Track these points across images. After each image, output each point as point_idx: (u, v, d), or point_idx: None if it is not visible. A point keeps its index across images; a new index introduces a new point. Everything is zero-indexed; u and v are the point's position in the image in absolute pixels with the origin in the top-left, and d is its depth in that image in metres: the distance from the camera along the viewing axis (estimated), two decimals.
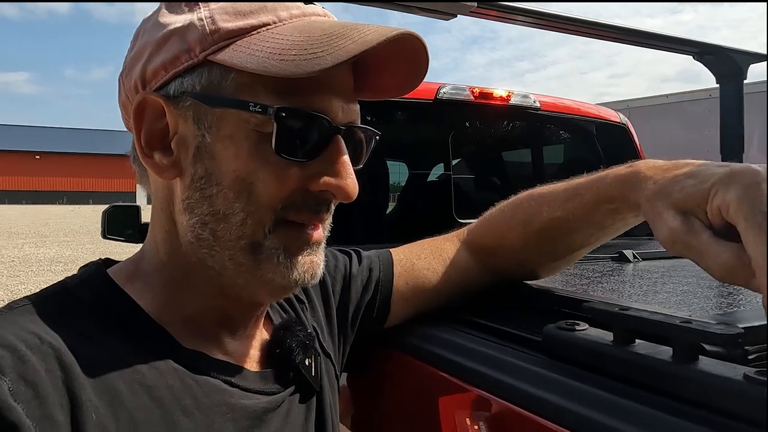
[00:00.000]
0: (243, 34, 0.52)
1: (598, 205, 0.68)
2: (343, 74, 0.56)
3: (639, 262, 1.17)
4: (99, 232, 2.51)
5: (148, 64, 0.55)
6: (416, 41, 0.53)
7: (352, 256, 0.83)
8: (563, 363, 0.61)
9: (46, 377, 0.45)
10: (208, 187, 0.53)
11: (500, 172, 2.42)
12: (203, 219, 0.54)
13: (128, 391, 0.49)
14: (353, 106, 0.57)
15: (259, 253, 0.54)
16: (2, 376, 0.43)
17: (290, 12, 0.55)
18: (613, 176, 0.65)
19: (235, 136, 0.52)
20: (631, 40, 1.99)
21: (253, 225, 0.53)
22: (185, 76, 0.53)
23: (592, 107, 2.34)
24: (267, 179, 0.52)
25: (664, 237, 0.52)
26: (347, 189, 0.54)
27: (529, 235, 0.78)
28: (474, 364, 0.68)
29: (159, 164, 0.55)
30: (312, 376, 0.64)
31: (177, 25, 0.53)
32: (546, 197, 0.76)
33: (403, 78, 0.59)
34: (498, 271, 0.85)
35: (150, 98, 0.55)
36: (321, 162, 0.54)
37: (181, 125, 0.54)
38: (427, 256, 0.83)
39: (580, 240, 0.75)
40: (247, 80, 0.52)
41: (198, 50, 0.52)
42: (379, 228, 1.94)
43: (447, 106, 1.91)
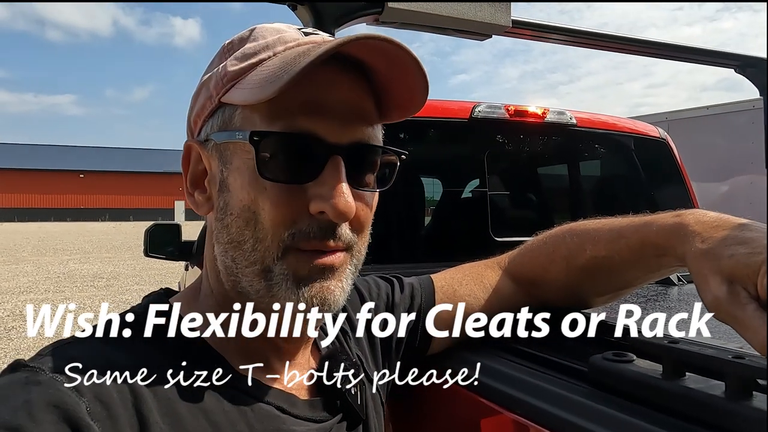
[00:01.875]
0: (244, 72, 0.57)
1: (644, 250, 0.67)
2: (344, 94, 0.56)
3: (684, 285, 1.14)
4: (139, 248, 2.59)
5: (191, 115, 0.62)
6: (386, 43, 0.52)
7: (394, 284, 0.84)
8: (609, 394, 0.60)
9: (118, 399, 0.48)
10: (225, 217, 0.57)
11: (537, 190, 2.39)
12: (225, 247, 0.58)
13: (189, 415, 0.52)
14: (359, 125, 0.57)
15: (269, 278, 0.56)
16: (81, 397, 0.46)
17: (286, 45, 0.58)
18: (660, 225, 0.65)
19: (241, 167, 0.56)
20: (668, 54, 1.97)
21: (262, 251, 0.55)
22: (210, 120, 0.59)
23: (630, 122, 2.30)
24: (266, 206, 0.54)
25: (709, 302, 0.53)
26: (337, 207, 0.53)
27: (573, 270, 0.78)
28: (517, 392, 0.68)
29: (197, 201, 0.61)
30: (358, 405, 0.65)
31: (206, 78, 0.60)
32: (590, 234, 0.76)
33: (411, 86, 0.58)
34: (541, 301, 0.84)
35: (191, 145, 0.61)
36: (317, 183, 0.54)
37: (212, 164, 0.59)
38: (469, 283, 0.83)
39: (624, 280, 0.75)
40: (247, 113, 0.56)
41: (215, 94, 0.58)
42: (414, 245, 1.95)
43: (482, 124, 1.91)
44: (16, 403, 0.44)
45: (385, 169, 0.61)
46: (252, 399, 0.57)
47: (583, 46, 1.92)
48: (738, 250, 0.52)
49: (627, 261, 0.70)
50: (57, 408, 0.44)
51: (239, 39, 0.61)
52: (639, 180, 2.18)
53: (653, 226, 0.66)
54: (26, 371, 0.48)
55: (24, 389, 0.46)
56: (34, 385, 0.46)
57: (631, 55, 1.99)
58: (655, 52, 1.95)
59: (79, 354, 0.50)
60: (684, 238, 0.60)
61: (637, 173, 2.21)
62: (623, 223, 0.72)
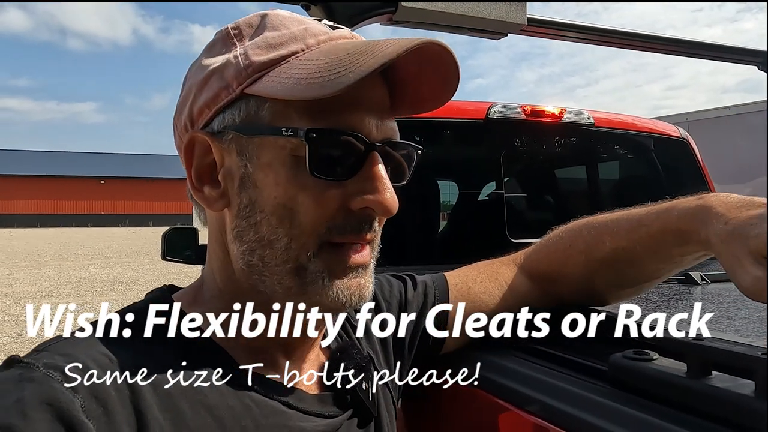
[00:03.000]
0: (274, 64, 0.54)
1: (665, 237, 0.65)
2: (376, 91, 0.56)
3: (707, 285, 1.10)
4: (158, 253, 2.62)
5: (194, 105, 0.58)
6: (440, 48, 0.52)
7: (407, 282, 0.83)
8: (630, 394, 0.58)
9: (115, 396, 0.47)
10: (253, 215, 0.55)
11: (554, 191, 2.36)
12: (251, 246, 0.55)
13: (191, 411, 0.51)
14: (389, 122, 0.57)
15: (304, 276, 0.55)
16: (75, 394, 0.45)
17: (317, 38, 0.56)
18: (682, 209, 0.63)
19: (273, 163, 0.54)
20: (689, 52, 1.93)
21: (297, 249, 0.54)
22: (226, 111, 0.56)
23: (650, 122, 2.27)
24: (307, 203, 0.53)
25: (748, 285, 0.50)
26: (386, 203, 0.54)
27: (592, 264, 0.75)
28: (534, 392, 0.66)
29: (208, 197, 0.58)
30: (369, 401, 0.63)
31: (216, 65, 0.57)
32: (608, 226, 0.74)
33: (437, 88, 0.58)
34: (558, 298, 0.82)
35: (197, 136, 0.58)
36: (359, 180, 0.54)
37: (227, 158, 0.57)
38: (483, 280, 0.82)
39: (646, 273, 0.72)
40: (280, 107, 0.53)
41: (235, 85, 0.55)
42: (430, 248, 1.93)
43: (498, 125, 1.89)
44: (9, 400, 0.43)
45: (407, 163, 0.61)
46: (257, 394, 0.56)
47: (601, 44, 1.89)
48: (764, 228, 0.49)
49: (648, 250, 0.68)
50: (50, 406, 0.43)
51: (248, 25, 0.58)
52: (659, 181, 2.14)
53: (674, 211, 0.64)
54: (20, 368, 0.47)
55: (17, 386, 0.44)
56: (28, 382, 0.45)
57: (651, 55, 1.96)
58: (675, 49, 1.90)
59: (75, 351, 0.49)
60: (707, 220, 0.57)
61: (657, 174, 2.17)
62: (642, 211, 0.70)
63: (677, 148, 2.20)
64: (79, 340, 0.52)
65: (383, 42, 0.51)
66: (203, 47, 0.61)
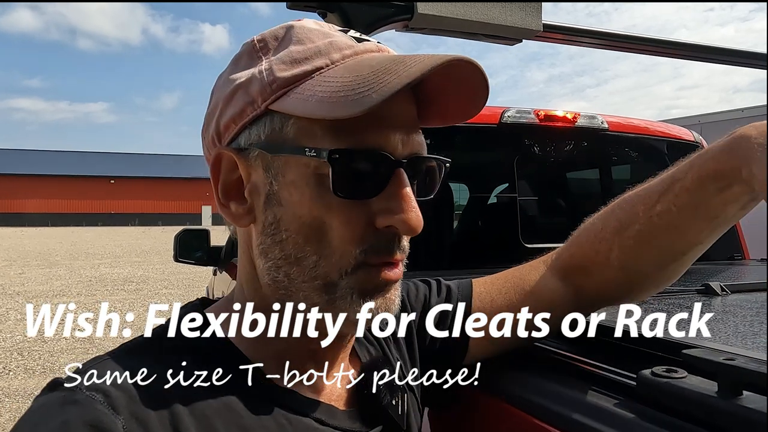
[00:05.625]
0: (299, 80, 0.54)
1: (703, 186, 0.59)
2: (402, 106, 0.55)
3: (728, 296, 1.09)
4: (168, 253, 2.64)
5: (221, 120, 0.58)
6: (468, 64, 0.52)
7: (432, 286, 0.81)
8: (659, 412, 0.58)
9: (155, 416, 0.48)
10: (278, 233, 0.55)
11: (567, 195, 2.35)
12: (277, 263, 0.55)
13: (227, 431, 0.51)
14: (416, 137, 0.56)
15: (333, 292, 0.54)
16: (117, 414, 0.46)
17: (342, 53, 0.55)
18: (716, 148, 0.57)
19: (298, 182, 0.53)
20: (700, 56, 1.92)
21: (326, 267, 0.54)
22: (251, 127, 0.56)
23: (663, 126, 2.26)
24: (333, 223, 0.53)
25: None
26: (410, 223, 0.53)
27: (626, 242, 0.69)
28: (561, 407, 0.66)
29: (235, 213, 0.58)
30: (398, 415, 0.63)
31: (242, 80, 0.56)
32: (640, 195, 0.68)
33: (466, 102, 0.58)
34: (593, 298, 0.76)
35: (223, 153, 0.57)
36: (384, 198, 0.53)
37: (253, 175, 0.56)
38: (509, 291, 0.78)
39: (688, 237, 0.65)
40: (305, 125, 0.53)
41: (260, 101, 0.54)
42: (442, 252, 1.93)
43: (512, 129, 1.89)
44: (55, 424, 0.45)
45: (432, 177, 0.60)
46: (290, 411, 0.56)
47: (615, 49, 1.89)
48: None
49: (686, 209, 0.62)
50: (94, 428, 0.45)
51: (274, 38, 0.58)
52: None
53: (708, 153, 0.58)
54: (63, 390, 0.48)
55: (61, 410, 0.46)
56: (71, 405, 0.46)
57: (662, 57, 1.95)
58: (687, 54, 1.90)
59: (115, 371, 0.50)
60: (748, 152, 0.52)
61: None
62: (674, 168, 0.64)
63: (691, 152, 2.19)
64: (118, 359, 0.53)
65: (409, 59, 0.51)
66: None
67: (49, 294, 8.85)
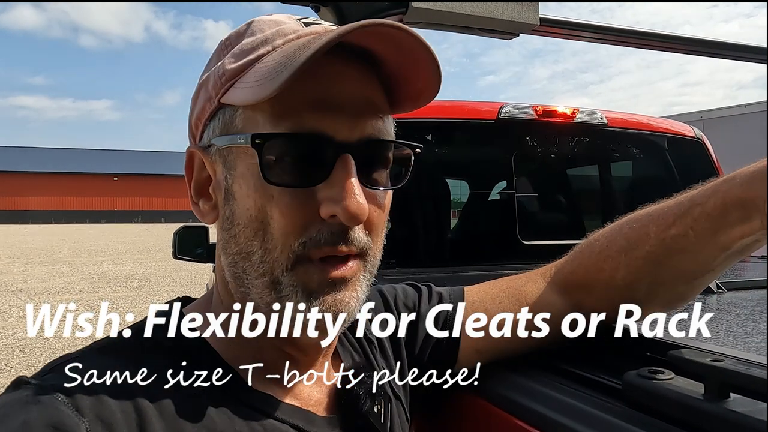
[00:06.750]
0: (243, 70, 0.53)
1: (726, 213, 0.56)
2: (351, 87, 0.51)
3: (723, 294, 1.07)
4: (170, 251, 2.65)
5: (191, 119, 0.58)
6: (393, 29, 0.47)
7: (422, 292, 0.79)
8: (644, 414, 0.56)
9: (122, 418, 0.47)
10: (232, 227, 0.54)
11: (566, 192, 2.33)
12: (234, 258, 0.54)
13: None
14: (370, 120, 0.52)
15: (279, 291, 0.52)
16: (81, 416, 0.45)
17: (286, 38, 0.54)
18: (745, 175, 0.54)
19: (245, 174, 0.52)
20: (703, 51, 1.89)
21: (271, 262, 0.51)
22: (210, 123, 0.55)
23: (664, 121, 2.24)
24: (274, 213, 0.50)
25: None
26: (349, 209, 0.48)
27: (632, 263, 0.65)
28: (546, 410, 0.64)
29: (202, 210, 0.58)
30: (381, 423, 0.61)
31: (203, 78, 0.56)
32: (652, 216, 0.65)
33: (423, 74, 0.53)
34: (593, 311, 0.72)
35: (193, 151, 0.58)
36: (327, 185, 0.50)
37: (217, 171, 0.56)
38: (503, 300, 0.75)
39: (701, 263, 0.61)
40: (249, 114, 0.52)
41: (214, 96, 0.54)
42: (440, 248, 1.91)
43: (510, 125, 1.87)
44: (15, 424, 0.43)
45: (400, 165, 0.56)
46: (265, 416, 0.54)
47: (615, 43, 1.86)
48: None
49: (704, 234, 0.58)
50: (56, 429, 0.43)
51: (237, 34, 0.57)
52: (673, 181, 2.11)
53: (736, 179, 0.55)
54: (27, 389, 0.47)
55: (24, 408, 0.44)
56: (34, 405, 0.45)
57: (665, 53, 1.93)
58: (689, 48, 1.87)
59: (83, 371, 0.48)
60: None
61: (672, 175, 2.14)
62: (692, 192, 0.61)
63: (692, 148, 2.17)
64: (88, 359, 0.51)
65: (331, 32, 0.47)
66: (216, 44, 0.60)
67: (51, 291, 8.87)
